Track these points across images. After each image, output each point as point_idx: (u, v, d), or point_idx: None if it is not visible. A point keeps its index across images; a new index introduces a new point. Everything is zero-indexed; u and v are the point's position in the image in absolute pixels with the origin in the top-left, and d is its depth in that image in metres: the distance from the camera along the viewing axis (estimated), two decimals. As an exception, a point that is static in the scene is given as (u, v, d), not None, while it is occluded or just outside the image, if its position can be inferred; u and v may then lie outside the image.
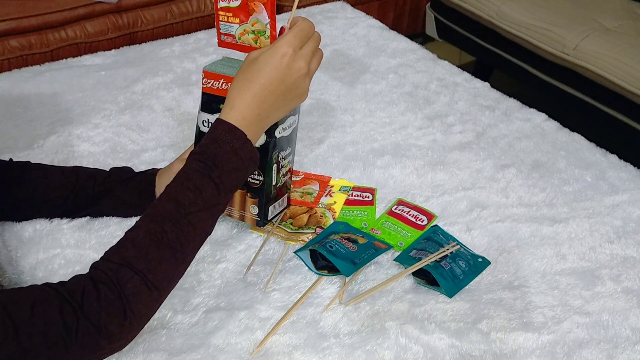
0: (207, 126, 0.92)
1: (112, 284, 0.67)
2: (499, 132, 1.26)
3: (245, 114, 0.77)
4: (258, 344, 0.81)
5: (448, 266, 0.91)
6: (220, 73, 0.87)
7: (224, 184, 0.75)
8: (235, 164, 0.75)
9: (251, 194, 0.93)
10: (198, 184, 0.73)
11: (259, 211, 0.94)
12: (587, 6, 2.12)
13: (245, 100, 0.77)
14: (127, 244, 0.70)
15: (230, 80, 0.86)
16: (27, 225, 0.98)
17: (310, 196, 1.05)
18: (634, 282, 0.93)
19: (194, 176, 0.74)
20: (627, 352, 0.82)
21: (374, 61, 1.50)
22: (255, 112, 0.77)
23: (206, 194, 0.73)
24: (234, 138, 0.76)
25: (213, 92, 0.89)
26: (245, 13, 0.83)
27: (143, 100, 1.32)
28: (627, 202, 1.08)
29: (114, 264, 0.68)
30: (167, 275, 0.71)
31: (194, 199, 0.73)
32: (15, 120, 1.24)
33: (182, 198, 0.73)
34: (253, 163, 0.78)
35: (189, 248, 0.73)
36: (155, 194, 0.97)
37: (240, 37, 0.85)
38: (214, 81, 0.88)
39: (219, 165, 0.74)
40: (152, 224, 0.72)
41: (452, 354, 0.81)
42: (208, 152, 0.75)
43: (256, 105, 0.77)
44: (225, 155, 0.75)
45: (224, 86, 0.87)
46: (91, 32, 1.96)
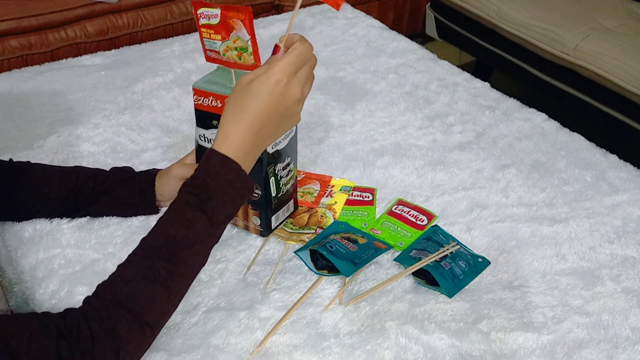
0: (204, 140, 0.92)
1: (104, 322, 0.66)
2: (499, 132, 1.26)
3: (240, 144, 0.74)
4: (258, 344, 0.81)
5: (448, 266, 0.91)
6: (208, 91, 0.87)
7: (217, 216, 0.73)
8: (229, 195, 0.73)
9: (252, 206, 0.93)
10: (190, 218, 0.71)
11: (261, 222, 0.94)
12: (587, 6, 2.12)
13: (239, 130, 0.74)
14: (118, 281, 0.69)
15: (219, 97, 0.86)
16: (27, 225, 0.98)
17: (311, 196, 1.05)
18: (634, 282, 0.93)
19: (186, 210, 0.72)
20: (627, 352, 0.82)
21: (374, 61, 1.50)
22: (250, 141, 0.75)
23: (199, 228, 0.72)
24: (228, 170, 0.73)
25: (204, 108, 0.88)
26: (226, 30, 0.82)
27: (143, 100, 1.32)
28: (627, 202, 1.08)
29: (106, 302, 0.68)
30: (159, 313, 0.70)
31: (186, 234, 0.71)
32: (15, 120, 1.24)
33: (173, 233, 0.71)
34: (248, 192, 0.76)
35: (181, 284, 0.72)
36: (155, 194, 0.97)
37: (224, 53, 0.84)
38: (203, 98, 0.87)
39: (212, 197, 0.72)
40: (143, 260, 0.70)
41: (452, 354, 0.81)
42: (201, 185, 0.73)
43: (250, 134, 0.75)
44: (219, 188, 0.73)
45: (214, 103, 0.86)
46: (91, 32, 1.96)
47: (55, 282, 0.89)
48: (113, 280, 0.70)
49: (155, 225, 0.73)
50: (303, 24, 1.65)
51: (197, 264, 0.74)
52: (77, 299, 0.87)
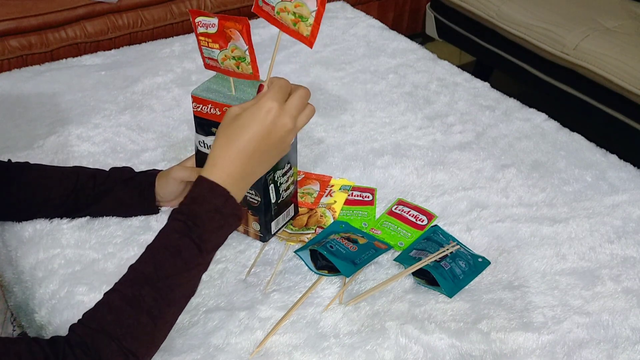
0: (203, 147, 0.92)
1: (89, 350, 0.66)
2: (499, 132, 1.26)
3: (230, 171, 0.74)
4: (258, 344, 0.81)
5: (448, 266, 0.91)
6: (207, 98, 0.86)
7: (205, 243, 0.72)
8: (218, 222, 0.73)
9: (252, 212, 0.93)
10: (177, 245, 0.71)
11: (261, 228, 0.94)
12: (587, 6, 2.12)
13: (228, 158, 0.74)
14: (104, 309, 0.69)
15: (218, 105, 0.86)
16: (27, 225, 0.98)
17: (311, 197, 1.04)
18: (634, 282, 0.93)
19: (173, 237, 0.71)
20: (627, 352, 0.82)
21: (374, 61, 1.50)
22: (239, 169, 0.74)
23: (186, 255, 0.71)
24: (215, 196, 0.73)
25: (203, 116, 0.88)
26: (224, 39, 0.81)
27: (143, 100, 1.32)
28: (627, 202, 1.08)
29: (91, 329, 0.67)
30: (145, 341, 0.69)
31: (172, 261, 0.70)
32: (15, 120, 1.24)
33: (160, 260, 0.70)
34: (237, 219, 0.76)
35: (169, 312, 0.71)
36: (155, 195, 0.97)
37: (222, 62, 0.83)
38: (202, 106, 0.87)
39: (199, 224, 0.72)
40: (129, 287, 0.70)
41: (452, 354, 0.81)
42: (188, 212, 0.72)
43: (240, 161, 0.74)
44: (207, 214, 0.72)
45: (212, 111, 0.86)
46: (91, 32, 1.96)
47: (55, 282, 0.89)
48: (99, 307, 0.69)
49: (143, 251, 0.72)
50: (303, 24, 1.65)
51: (186, 292, 0.73)
52: (77, 299, 0.87)
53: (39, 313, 0.88)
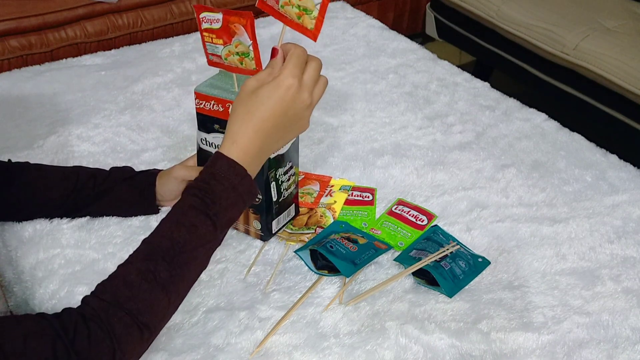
0: (205, 144, 0.91)
1: (102, 323, 0.65)
2: (499, 132, 1.26)
3: (248, 148, 0.74)
4: (258, 344, 0.81)
5: (448, 266, 0.91)
6: (210, 95, 0.86)
7: (220, 220, 0.72)
8: (233, 199, 0.73)
9: (253, 210, 0.93)
10: (194, 221, 0.71)
11: (262, 227, 0.94)
12: (587, 6, 2.12)
13: (247, 135, 0.74)
14: (118, 282, 0.68)
15: (221, 102, 0.85)
16: (27, 225, 0.98)
17: (311, 197, 1.04)
18: (634, 282, 0.93)
19: (190, 213, 0.72)
20: (627, 352, 0.82)
21: (374, 61, 1.50)
22: (257, 146, 0.74)
23: (202, 231, 0.71)
24: (234, 174, 0.73)
25: (206, 112, 0.88)
26: (228, 35, 0.81)
27: (143, 100, 1.32)
28: (627, 202, 1.08)
29: (105, 302, 0.67)
30: (158, 315, 0.70)
31: (189, 237, 0.71)
32: (15, 120, 1.24)
33: (177, 236, 0.70)
34: (251, 196, 0.76)
35: (182, 286, 0.72)
36: (155, 195, 0.97)
37: (226, 57, 0.83)
38: (205, 102, 0.87)
39: (216, 201, 0.72)
40: (145, 262, 0.69)
41: (452, 354, 0.81)
42: (206, 188, 0.72)
43: (259, 139, 0.74)
44: (224, 192, 0.72)
45: (215, 107, 0.86)
46: (91, 32, 1.96)
47: (55, 282, 0.89)
48: (113, 280, 0.69)
49: (157, 226, 0.72)
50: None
51: (199, 267, 0.74)
52: (77, 299, 0.87)
53: (39, 313, 0.88)
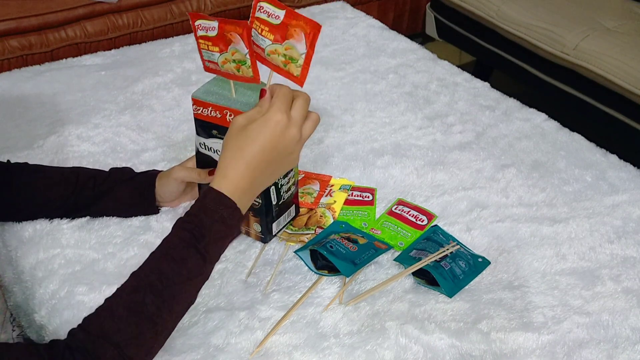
0: (204, 148, 0.92)
1: (89, 355, 0.65)
2: (499, 132, 1.26)
3: (238, 183, 0.75)
4: (258, 344, 0.81)
5: (448, 266, 0.91)
6: (207, 101, 0.86)
7: (210, 253, 0.73)
8: (223, 232, 0.74)
9: (253, 213, 0.93)
10: (183, 255, 0.72)
11: (262, 229, 0.94)
12: (587, 6, 2.12)
13: (238, 169, 0.75)
14: (105, 315, 0.69)
15: (218, 108, 0.85)
16: (27, 225, 0.98)
17: (311, 196, 1.04)
18: (634, 282, 0.93)
19: (180, 246, 0.72)
20: (627, 352, 0.82)
21: (374, 61, 1.50)
22: (248, 181, 0.76)
23: (191, 265, 0.72)
24: (223, 207, 0.74)
25: (204, 118, 0.88)
26: (224, 43, 0.81)
27: (143, 100, 1.32)
28: (627, 202, 1.08)
29: (92, 335, 0.67)
30: (145, 348, 0.70)
31: (178, 270, 0.71)
32: (15, 120, 1.24)
33: (165, 269, 0.71)
34: (238, 229, 0.78)
35: (170, 319, 0.72)
36: (155, 195, 0.97)
37: (222, 65, 0.83)
38: (202, 108, 0.87)
39: (205, 235, 0.73)
40: (133, 294, 0.70)
41: (452, 354, 0.81)
42: (195, 221, 0.73)
43: (249, 173, 0.76)
44: (213, 225, 0.73)
45: (213, 114, 0.86)
46: (91, 32, 1.96)
47: (55, 282, 0.89)
48: (100, 312, 0.69)
49: (146, 259, 0.73)
50: (303, 24, 1.65)
51: (187, 301, 0.74)
52: (77, 299, 0.87)
53: (39, 313, 0.88)
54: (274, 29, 0.78)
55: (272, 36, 0.79)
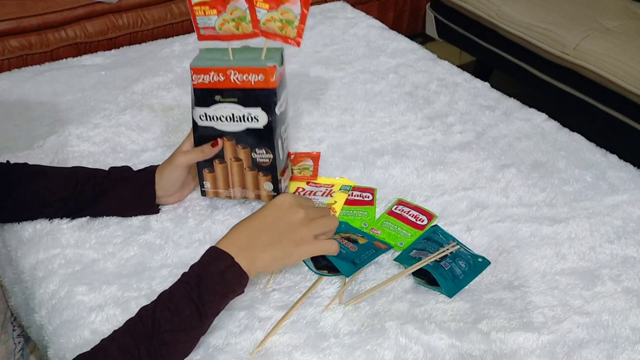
0: (205, 119, 0.93)
1: None
2: (499, 132, 1.26)
3: (236, 240, 0.80)
4: (258, 344, 0.81)
5: (448, 266, 0.91)
6: (208, 67, 0.88)
7: (205, 306, 0.75)
8: (221, 288, 0.77)
9: (263, 173, 0.95)
10: (178, 304, 0.74)
11: (274, 187, 0.96)
12: (587, 6, 2.12)
13: (239, 230, 0.81)
14: (99, 355, 0.71)
15: (221, 70, 0.88)
16: (27, 225, 0.98)
17: (308, 171, 1.08)
18: (634, 282, 0.93)
19: (176, 296, 0.75)
20: (627, 352, 0.82)
21: (374, 61, 1.50)
22: (245, 239, 0.80)
23: (185, 315, 0.74)
24: (220, 260, 0.77)
25: (205, 86, 0.90)
26: (222, 3, 0.84)
27: (143, 100, 1.32)
28: (627, 202, 1.08)
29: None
30: None
31: (171, 319, 0.73)
32: (15, 120, 1.24)
33: (159, 316, 0.73)
34: (241, 287, 0.79)
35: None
36: (155, 193, 0.97)
37: (220, 27, 0.86)
38: (204, 75, 0.88)
39: (201, 286, 0.75)
40: (127, 338, 0.72)
41: (452, 354, 0.81)
42: (192, 274, 0.77)
43: (248, 234, 0.80)
44: (210, 277, 0.76)
45: (216, 78, 0.88)
46: (91, 32, 1.96)
47: (55, 282, 0.89)
48: (94, 353, 0.71)
49: (144, 306, 0.75)
50: (303, 24, 1.65)
51: (181, 353, 0.75)
52: (77, 298, 0.87)
53: (39, 313, 0.88)
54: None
55: (267, 5, 0.83)
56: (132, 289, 0.88)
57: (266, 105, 0.90)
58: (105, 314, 0.84)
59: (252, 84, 0.88)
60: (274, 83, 0.89)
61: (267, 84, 0.88)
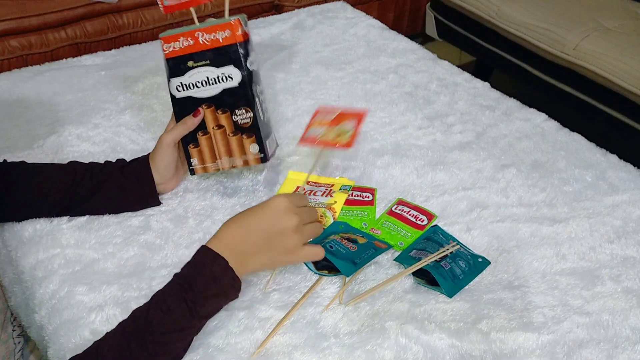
0: (182, 89, 0.95)
1: None
2: (499, 132, 1.26)
3: (229, 242, 0.79)
4: (258, 344, 0.81)
5: (448, 266, 0.91)
6: (177, 33, 0.91)
7: (197, 307, 0.75)
8: (214, 290, 0.77)
9: (247, 134, 0.96)
10: (170, 305, 0.74)
11: (260, 148, 0.97)
12: (587, 6, 2.12)
13: (229, 232, 0.79)
14: (92, 356, 0.72)
15: (189, 34, 0.90)
16: (27, 225, 0.98)
17: (345, 136, 0.96)
18: (634, 282, 0.93)
19: (169, 297, 0.75)
20: (627, 352, 0.82)
21: (374, 61, 1.50)
22: (238, 242, 0.79)
23: (177, 315, 0.74)
24: (214, 263, 0.77)
25: (177, 53, 0.92)
26: None
27: (143, 100, 1.32)
28: (627, 202, 1.08)
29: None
30: None
31: (163, 319, 0.74)
32: (15, 120, 1.24)
33: (152, 317, 0.74)
34: (234, 291, 0.79)
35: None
36: (153, 176, 0.98)
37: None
38: (173, 42, 0.91)
39: (194, 288, 0.75)
40: (120, 338, 0.73)
41: (452, 354, 0.81)
42: (185, 275, 0.77)
43: (240, 236, 0.79)
44: (203, 279, 0.76)
45: (185, 43, 0.91)
46: (91, 32, 1.96)
47: (55, 282, 0.89)
48: (87, 355, 0.72)
49: (136, 309, 0.76)
50: (303, 24, 1.65)
51: (173, 353, 0.75)
52: (77, 298, 0.87)
53: (39, 313, 0.88)
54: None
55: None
56: (132, 289, 0.88)
57: (237, 61, 0.92)
58: (105, 314, 0.84)
59: (220, 42, 0.90)
60: (240, 36, 0.91)
61: (234, 38, 0.91)
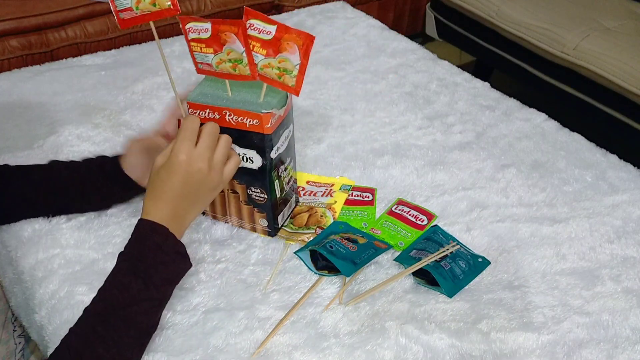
0: None
1: None
2: (499, 132, 1.26)
3: (162, 215, 0.79)
4: (258, 344, 0.81)
5: (448, 266, 0.91)
6: (204, 104, 0.86)
7: (151, 277, 0.76)
8: (161, 258, 0.77)
9: (258, 210, 0.94)
10: (123, 281, 0.75)
11: (269, 224, 0.95)
12: (587, 6, 2.12)
13: (158, 207, 0.80)
14: (63, 350, 0.72)
15: (216, 109, 0.85)
16: (26, 225, 0.98)
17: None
18: (634, 282, 0.93)
19: (119, 275, 0.76)
20: (627, 352, 0.82)
21: (374, 61, 1.50)
22: (171, 212, 0.79)
23: (132, 290, 0.75)
24: (155, 233, 0.78)
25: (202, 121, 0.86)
26: (218, 43, 0.81)
27: (143, 100, 1.32)
28: (627, 202, 1.08)
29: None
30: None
31: (120, 296, 0.74)
32: (15, 120, 1.24)
33: (108, 297, 0.75)
34: (181, 257, 0.80)
35: (126, 343, 0.74)
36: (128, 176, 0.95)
37: (217, 65, 0.83)
38: (199, 111, 0.86)
39: (142, 260, 0.76)
40: (83, 326, 0.74)
41: (452, 354, 0.81)
42: (131, 251, 0.78)
43: (170, 207, 0.79)
44: (148, 251, 0.77)
45: (211, 115, 0.85)
46: (91, 32, 1.96)
47: (55, 282, 0.89)
48: (58, 350, 0.72)
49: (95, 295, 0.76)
50: (303, 24, 1.65)
51: (141, 324, 0.76)
52: (77, 299, 0.87)
53: (39, 313, 0.88)
54: (266, 44, 0.80)
55: (264, 51, 0.80)
56: (132, 289, 0.88)
57: (260, 149, 0.87)
58: (105, 314, 0.84)
59: (247, 127, 0.85)
60: (269, 129, 0.85)
61: (262, 129, 0.85)
